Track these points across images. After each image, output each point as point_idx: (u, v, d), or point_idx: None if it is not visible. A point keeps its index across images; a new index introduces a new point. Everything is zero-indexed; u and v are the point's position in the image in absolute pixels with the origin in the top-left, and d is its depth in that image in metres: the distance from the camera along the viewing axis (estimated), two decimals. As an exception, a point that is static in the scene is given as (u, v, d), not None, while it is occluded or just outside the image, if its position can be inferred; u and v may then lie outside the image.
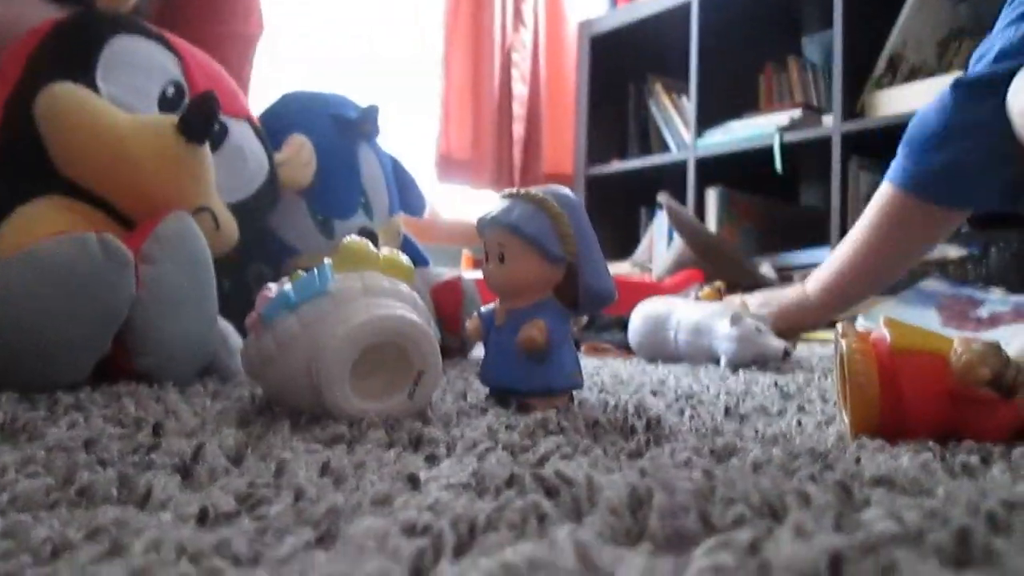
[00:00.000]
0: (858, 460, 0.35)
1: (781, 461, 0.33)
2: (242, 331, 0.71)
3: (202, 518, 0.25)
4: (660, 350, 1.01)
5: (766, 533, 0.22)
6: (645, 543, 0.23)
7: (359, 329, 0.42)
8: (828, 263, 1.17)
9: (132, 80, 0.72)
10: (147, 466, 0.31)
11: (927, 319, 1.51)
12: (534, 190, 0.51)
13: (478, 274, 1.35)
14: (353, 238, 0.48)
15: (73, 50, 0.70)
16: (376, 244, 0.53)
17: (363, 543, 0.23)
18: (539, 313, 0.50)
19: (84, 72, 0.69)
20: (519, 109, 2.66)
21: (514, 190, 0.52)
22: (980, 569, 0.20)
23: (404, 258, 0.50)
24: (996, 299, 1.63)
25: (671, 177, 2.31)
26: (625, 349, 1.12)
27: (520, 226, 0.49)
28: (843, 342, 0.44)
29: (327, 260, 0.47)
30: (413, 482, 0.29)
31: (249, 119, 0.85)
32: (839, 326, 0.47)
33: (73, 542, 0.22)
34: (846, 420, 0.45)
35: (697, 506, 0.24)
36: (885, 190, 1.06)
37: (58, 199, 0.66)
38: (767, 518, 0.24)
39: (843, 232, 1.99)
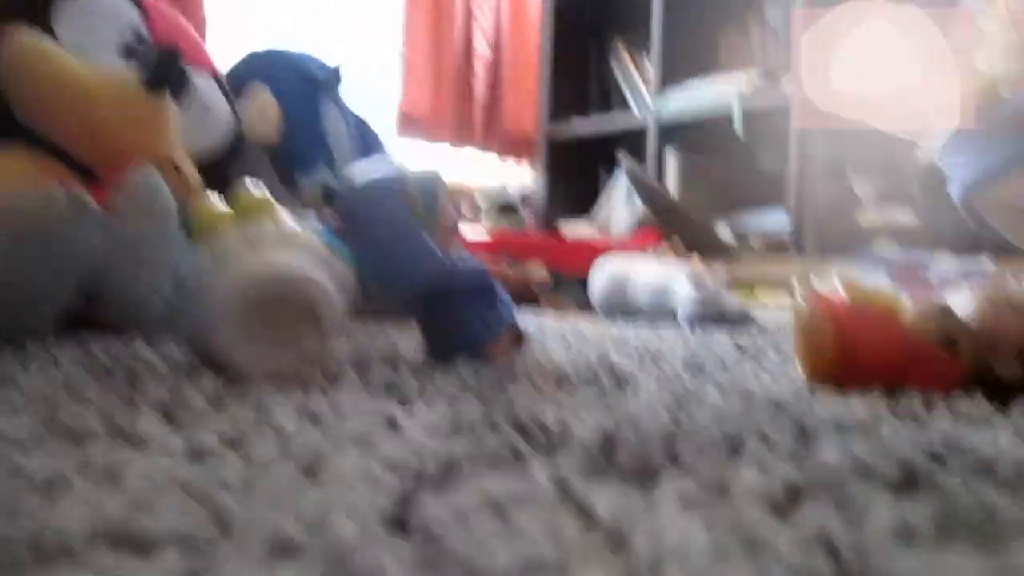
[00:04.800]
0: (811, 406, 0.36)
1: (740, 407, 0.35)
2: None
3: (190, 454, 0.26)
4: (621, 308, 1.03)
5: (727, 466, 0.24)
6: (615, 477, 0.25)
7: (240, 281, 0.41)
8: None
9: (89, 25, 0.71)
10: (130, 409, 0.32)
11: (880, 282, 1.55)
12: None
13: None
14: (245, 188, 0.45)
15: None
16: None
17: (348, 478, 0.24)
18: None
19: (38, 16, 0.68)
20: (481, 66, 2.64)
21: None
22: (921, 496, 0.21)
23: (261, 193, 0.46)
24: (945, 264, 1.68)
25: (632, 138, 2.32)
26: (587, 307, 1.14)
27: None
28: (799, 299, 0.46)
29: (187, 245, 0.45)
30: (391, 423, 0.31)
31: (214, 73, 0.84)
32: (795, 285, 0.49)
33: (68, 476, 0.23)
34: (802, 372, 0.47)
35: (662, 443, 0.26)
36: None
37: (21, 150, 0.65)
38: (728, 454, 0.26)
39: (800, 196, 2.03)
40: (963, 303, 0.45)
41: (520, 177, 2.77)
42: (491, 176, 2.75)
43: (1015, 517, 0.20)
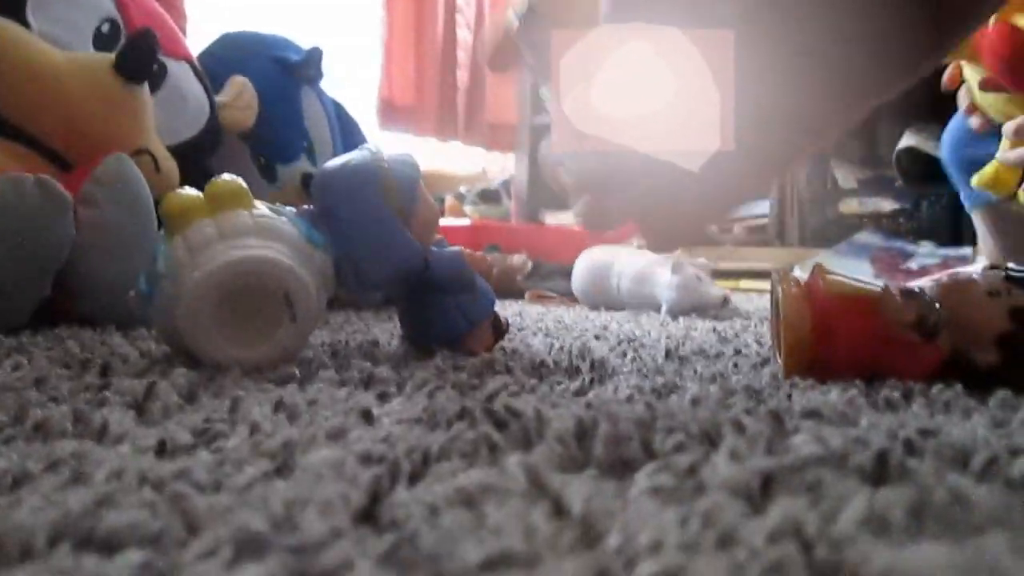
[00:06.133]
0: (790, 396, 0.36)
1: (718, 397, 0.35)
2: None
3: (160, 450, 0.25)
4: (603, 298, 1.03)
5: (703, 457, 0.23)
6: (591, 469, 0.24)
7: (210, 276, 0.41)
8: None
9: (64, 15, 0.70)
10: (100, 403, 0.31)
11: (861, 270, 1.56)
12: None
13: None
14: (219, 178, 0.45)
15: (2, -17, 0.67)
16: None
17: (320, 472, 0.24)
18: None
19: (13, 7, 0.67)
20: (463, 56, 2.63)
21: None
22: (895, 486, 0.21)
23: (236, 182, 0.45)
24: (925, 252, 1.70)
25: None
26: (569, 297, 1.14)
27: None
28: (779, 287, 0.46)
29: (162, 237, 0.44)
30: (366, 417, 0.30)
31: (189, 60, 0.83)
32: (775, 273, 0.49)
33: (34, 473, 0.23)
34: (780, 361, 0.47)
35: (639, 435, 0.26)
36: None
37: (-8, 140, 0.64)
38: (705, 445, 0.26)
39: (783, 185, 2.04)
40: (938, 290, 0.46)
41: (504, 165, 2.76)
42: (474, 164, 2.74)
43: (989, 508, 0.20)
